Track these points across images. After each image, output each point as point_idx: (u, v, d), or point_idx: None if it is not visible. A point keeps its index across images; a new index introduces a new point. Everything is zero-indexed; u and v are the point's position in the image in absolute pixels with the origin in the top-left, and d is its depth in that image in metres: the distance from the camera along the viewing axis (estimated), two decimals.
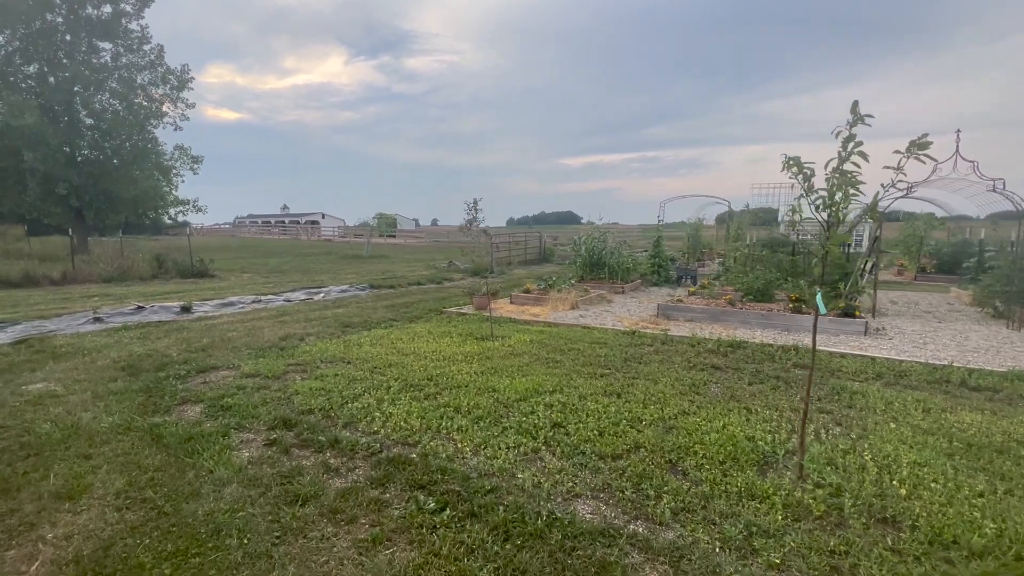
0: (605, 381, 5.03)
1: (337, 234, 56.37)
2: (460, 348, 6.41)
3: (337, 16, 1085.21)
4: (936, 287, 14.03)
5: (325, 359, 5.99)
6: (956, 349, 6.56)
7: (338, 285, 13.54)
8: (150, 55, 26.89)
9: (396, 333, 7.40)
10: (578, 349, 6.34)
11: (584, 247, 12.43)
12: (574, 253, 13.03)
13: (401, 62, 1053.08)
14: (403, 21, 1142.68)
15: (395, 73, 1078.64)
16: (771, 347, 6.49)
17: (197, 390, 4.88)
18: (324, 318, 8.86)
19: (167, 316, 8.93)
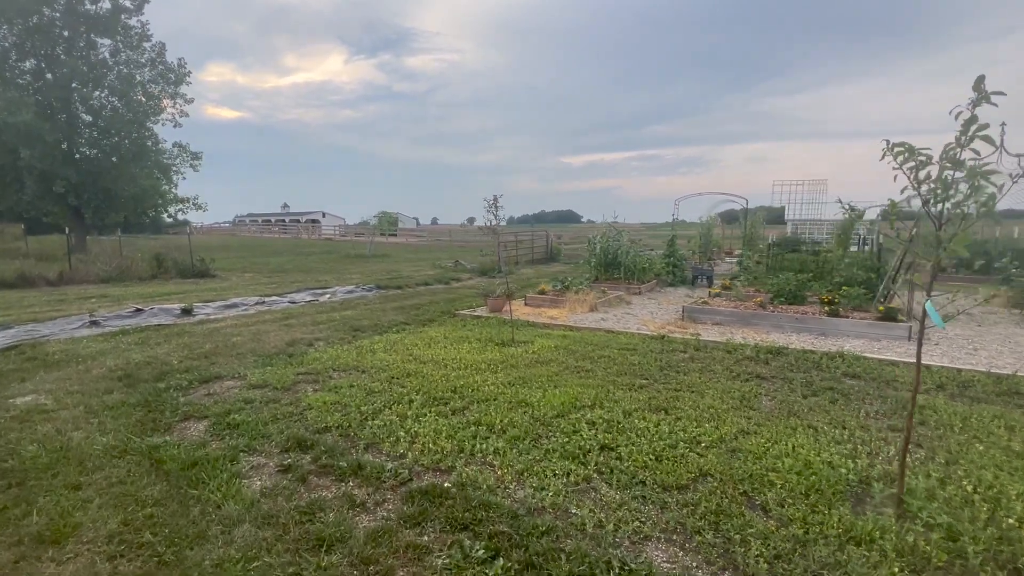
0: (646, 394, 4.60)
1: (338, 233, 55.93)
2: (481, 355, 5.98)
3: (338, 14, 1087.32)
4: (959, 287, 13.58)
5: (337, 367, 5.57)
6: (1011, 356, 6.14)
7: (343, 286, 13.11)
8: (151, 52, 26.46)
9: (410, 338, 6.98)
10: (608, 356, 5.91)
11: (599, 246, 11.99)
12: (588, 253, 12.60)
13: (402, 61, 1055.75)
14: (404, 19, 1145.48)
15: (396, 72, 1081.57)
16: (813, 354, 6.06)
17: (200, 403, 4.45)
18: (332, 321, 8.44)
19: (167, 319, 8.50)
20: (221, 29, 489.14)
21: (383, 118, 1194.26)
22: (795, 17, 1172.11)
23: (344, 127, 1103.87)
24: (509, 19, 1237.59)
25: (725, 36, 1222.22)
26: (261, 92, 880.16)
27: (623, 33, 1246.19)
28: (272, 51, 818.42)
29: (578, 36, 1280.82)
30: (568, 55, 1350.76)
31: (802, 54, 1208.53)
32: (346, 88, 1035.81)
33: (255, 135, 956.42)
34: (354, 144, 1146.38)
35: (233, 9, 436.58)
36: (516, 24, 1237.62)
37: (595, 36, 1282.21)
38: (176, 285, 13.56)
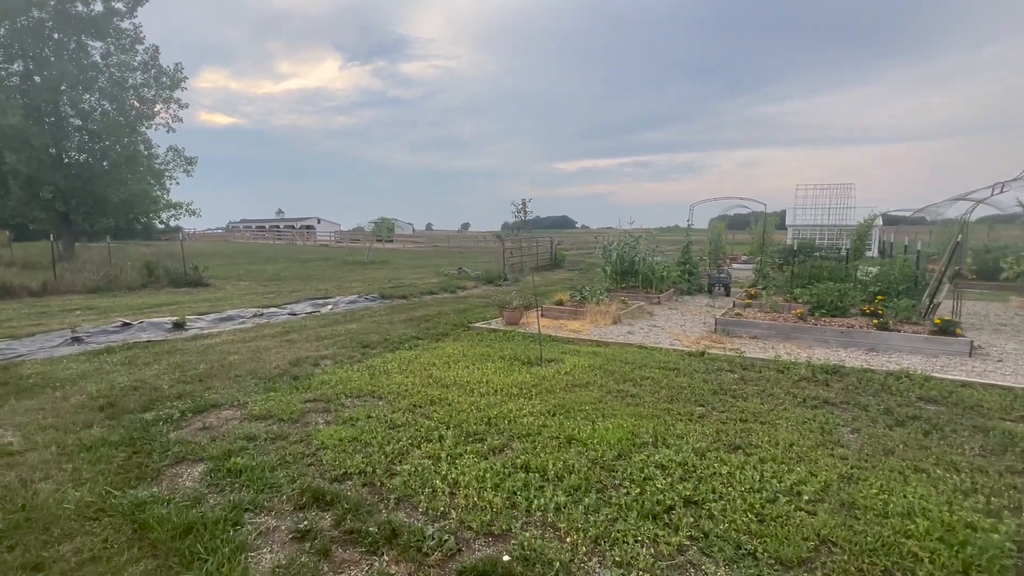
0: (710, 425, 4.01)
1: (333, 239, 55.21)
2: (508, 377, 5.37)
3: (332, 21, 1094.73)
4: (983, 295, 13.14)
5: (350, 393, 4.94)
6: None
7: (345, 295, 12.46)
8: (144, 55, 25.79)
9: (426, 356, 6.35)
10: (651, 378, 5.32)
11: (615, 254, 11.43)
12: (603, 260, 12.04)
13: (396, 67, 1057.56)
14: (398, 26, 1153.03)
15: (391, 78, 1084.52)
16: (874, 373, 5.50)
17: (195, 441, 3.81)
18: (337, 336, 7.80)
19: (157, 334, 7.83)
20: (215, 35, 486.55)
21: (378, 124, 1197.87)
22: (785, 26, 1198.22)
23: (338, 133, 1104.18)
24: (503, 25, 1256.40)
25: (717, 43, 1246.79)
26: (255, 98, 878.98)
27: (616, 40, 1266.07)
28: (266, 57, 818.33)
29: (571, 43, 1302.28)
30: (562, 61, 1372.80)
31: (792, 62, 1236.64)
32: (340, 94, 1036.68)
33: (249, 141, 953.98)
34: (348, 150, 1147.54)
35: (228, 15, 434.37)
36: (510, 30, 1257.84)
37: (588, 43, 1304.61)
38: (168, 295, 12.86)
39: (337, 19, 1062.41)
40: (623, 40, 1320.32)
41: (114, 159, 24.57)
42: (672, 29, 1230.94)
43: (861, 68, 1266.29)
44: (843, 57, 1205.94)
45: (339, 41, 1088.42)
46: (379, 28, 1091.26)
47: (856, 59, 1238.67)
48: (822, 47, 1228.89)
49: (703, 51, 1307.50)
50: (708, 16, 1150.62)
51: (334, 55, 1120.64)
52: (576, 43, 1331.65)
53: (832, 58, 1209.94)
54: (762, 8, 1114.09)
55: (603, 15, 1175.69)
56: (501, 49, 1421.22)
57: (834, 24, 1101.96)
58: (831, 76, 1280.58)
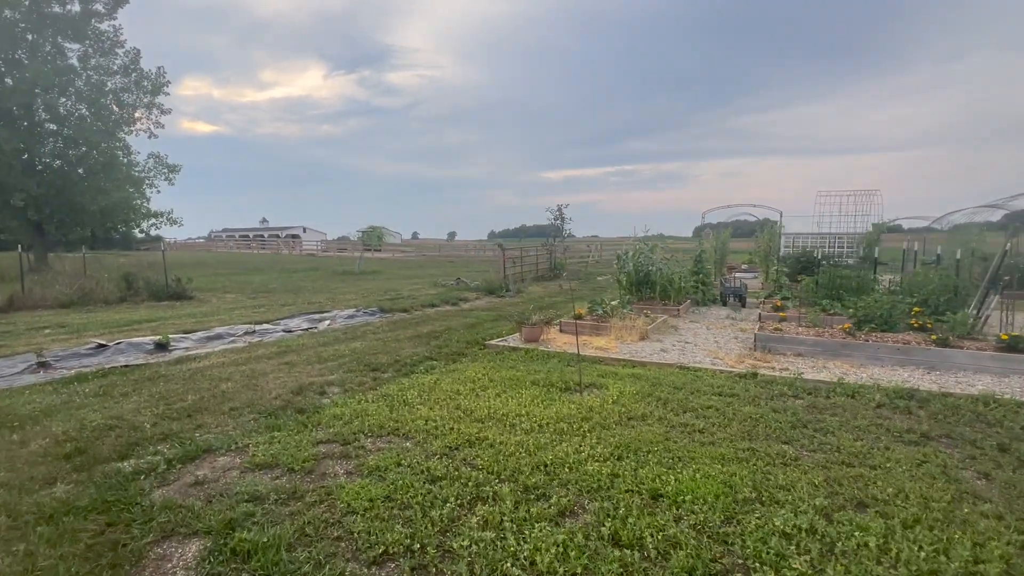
0: (813, 472, 3.35)
1: (320, 248, 54.02)
2: (549, 408, 4.67)
3: (316, 30, 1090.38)
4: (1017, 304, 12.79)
5: (369, 431, 4.19)
6: None
7: (342, 309, 11.64)
8: (124, 59, 24.77)
9: (447, 382, 5.62)
10: (712, 407, 4.66)
11: (631, 263, 10.83)
12: (617, 270, 11.44)
13: (381, 76, 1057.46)
14: (383, 36, 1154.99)
15: (375, 87, 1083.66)
16: (955, 398, 4.92)
17: (186, 505, 3.04)
18: (340, 356, 7.03)
19: (137, 357, 6.97)
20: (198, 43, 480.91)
21: (363, 133, 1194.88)
22: (763, 38, 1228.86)
23: (323, 142, 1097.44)
24: (488, 35, 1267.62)
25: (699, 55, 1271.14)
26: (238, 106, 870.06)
27: (600, 50, 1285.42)
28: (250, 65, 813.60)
29: (557, 53, 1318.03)
30: (547, 71, 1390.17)
31: (771, 73, 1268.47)
32: (325, 103, 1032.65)
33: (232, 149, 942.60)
34: (333, 159, 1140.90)
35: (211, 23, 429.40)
36: (495, 40, 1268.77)
37: (573, 53, 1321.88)
38: (149, 310, 11.90)
39: (321, 28, 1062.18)
40: (608, 51, 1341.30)
41: (91, 166, 23.44)
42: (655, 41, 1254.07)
43: (837, 80, 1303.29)
44: (819, 69, 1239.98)
45: (323, 50, 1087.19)
46: (364, 37, 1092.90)
47: (831, 71, 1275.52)
48: (799, 59, 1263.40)
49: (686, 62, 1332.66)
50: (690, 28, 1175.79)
51: (318, 64, 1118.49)
52: (561, 53, 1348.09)
53: (808, 70, 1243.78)
54: (741, 21, 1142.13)
55: (588, 26, 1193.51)
56: (486, 59, 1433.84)
57: (810, 37, 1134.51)
58: (808, 88, 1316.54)
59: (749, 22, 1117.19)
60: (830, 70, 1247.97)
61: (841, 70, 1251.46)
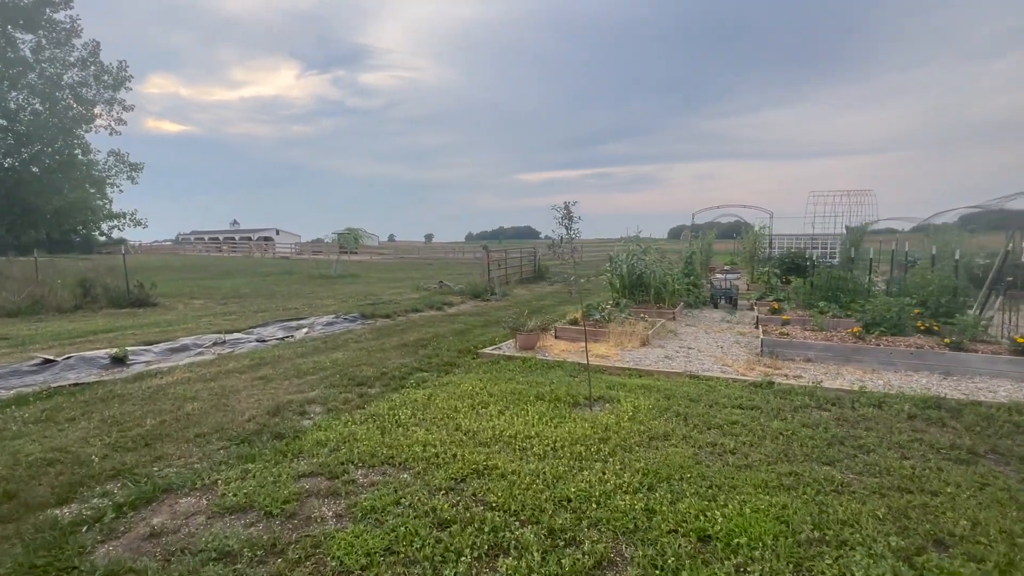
0: (872, 501, 2.97)
1: (294, 251, 52.54)
2: (561, 427, 4.21)
3: (288, 29, 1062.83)
4: None
5: (359, 460, 3.66)
6: None
7: (320, 315, 10.95)
8: (82, 51, 23.42)
9: (442, 397, 5.10)
10: (737, 422, 4.27)
11: (625, 266, 10.47)
12: (610, 273, 11.07)
13: (356, 77, 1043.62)
14: (357, 36, 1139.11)
15: (350, 87, 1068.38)
16: (986, 407, 4.65)
17: (138, 569, 2.47)
18: (321, 369, 6.43)
19: (90, 373, 6.24)
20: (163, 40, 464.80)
21: (338, 134, 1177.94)
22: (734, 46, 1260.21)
23: (297, 142, 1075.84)
24: (466, 38, 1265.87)
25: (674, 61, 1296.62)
26: (207, 105, 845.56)
27: (578, 55, 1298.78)
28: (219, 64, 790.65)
29: (535, 57, 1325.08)
30: (525, 75, 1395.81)
31: (741, 80, 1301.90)
32: (298, 103, 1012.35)
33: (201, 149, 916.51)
34: (307, 160, 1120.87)
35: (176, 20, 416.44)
36: (473, 43, 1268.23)
37: (552, 58, 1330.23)
38: (107, 318, 10.99)
39: (293, 27, 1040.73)
40: (585, 56, 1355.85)
41: (47, 164, 22.04)
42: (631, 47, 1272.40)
43: (802, 87, 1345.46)
44: (786, 77, 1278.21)
45: (296, 49, 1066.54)
46: (337, 37, 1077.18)
47: (797, 79, 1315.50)
48: (767, 67, 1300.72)
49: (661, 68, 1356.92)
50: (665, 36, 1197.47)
51: (290, 63, 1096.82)
52: (539, 57, 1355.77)
53: (775, 77, 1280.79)
54: (712, 30, 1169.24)
55: (564, 32, 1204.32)
56: (464, 61, 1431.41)
57: (777, 46, 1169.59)
58: (775, 94, 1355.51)
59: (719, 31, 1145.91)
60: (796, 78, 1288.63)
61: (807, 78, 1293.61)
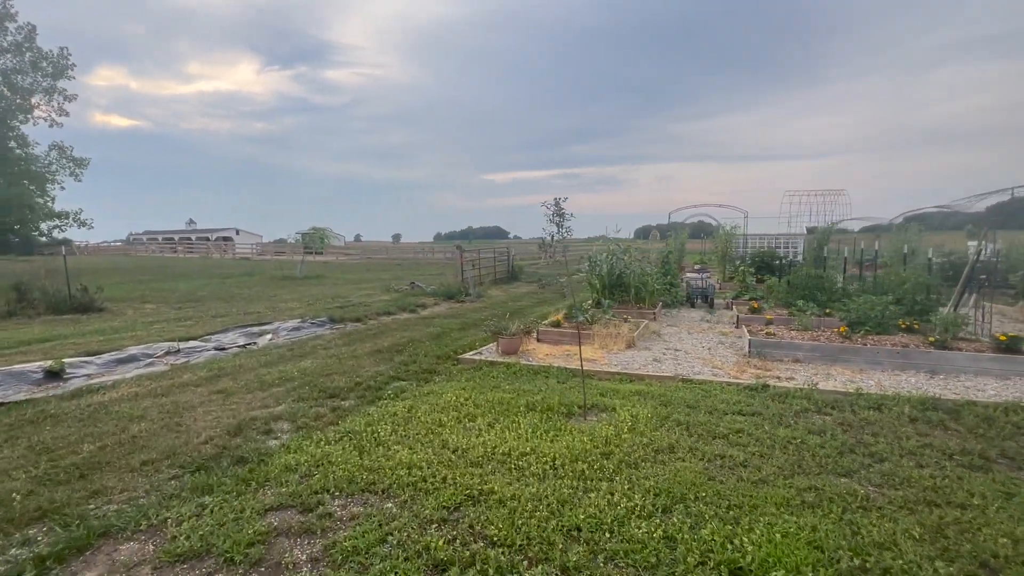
0: (904, 520, 2.76)
1: (255, 251, 50.52)
2: (557, 440, 3.88)
3: (246, 22, 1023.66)
4: None
5: (336, 487, 3.23)
6: None
7: (286, 320, 10.29)
8: (16, 35, 21.65)
9: (424, 408, 4.69)
10: (742, 430, 4.04)
11: (605, 266, 10.26)
12: (589, 273, 10.84)
13: (320, 73, 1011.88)
14: (320, 31, 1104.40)
15: (313, 84, 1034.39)
16: (982, 407, 4.58)
17: None
18: (288, 380, 5.91)
19: (18, 391, 5.51)
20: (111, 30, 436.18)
21: (302, 131, 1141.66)
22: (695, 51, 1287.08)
23: (258, 139, 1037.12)
24: (433, 36, 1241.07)
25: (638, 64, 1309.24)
26: (159, 99, 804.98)
27: (544, 56, 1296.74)
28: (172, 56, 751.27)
29: (503, 57, 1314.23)
30: (493, 75, 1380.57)
31: (702, 84, 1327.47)
32: (259, 99, 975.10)
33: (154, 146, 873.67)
34: (269, 157, 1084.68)
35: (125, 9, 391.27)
36: (440, 42, 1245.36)
37: (519, 58, 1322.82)
38: (44, 326, 10.01)
39: (252, 20, 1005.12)
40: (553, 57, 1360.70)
41: None
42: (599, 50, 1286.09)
43: (759, 93, 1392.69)
44: (744, 82, 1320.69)
45: (255, 43, 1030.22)
46: (299, 32, 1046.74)
47: (755, 84, 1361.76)
48: (727, 73, 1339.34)
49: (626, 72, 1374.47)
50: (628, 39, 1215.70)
51: (250, 57, 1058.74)
52: (507, 58, 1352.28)
53: (734, 82, 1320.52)
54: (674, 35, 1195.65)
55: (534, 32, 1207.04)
56: (431, 60, 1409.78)
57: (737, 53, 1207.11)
58: (734, 98, 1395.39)
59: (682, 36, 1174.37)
60: (753, 83, 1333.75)
61: (765, 84, 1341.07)
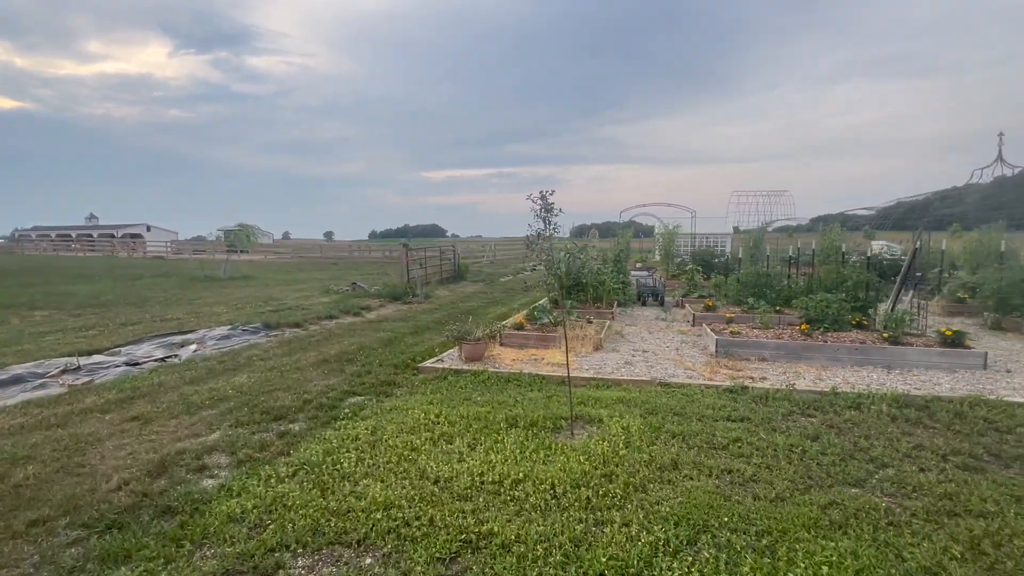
0: (934, 532, 2.61)
1: (170, 249, 46.16)
2: (550, 463, 3.47)
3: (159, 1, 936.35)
4: None
5: (297, 541, 2.62)
6: None
7: (213, 327, 9.14)
8: None
9: (391, 429, 4.11)
10: (738, 439, 3.83)
11: (564, 265, 10.00)
12: (547, 273, 10.54)
13: (243, 59, 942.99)
14: (243, 15, 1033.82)
15: (236, 71, 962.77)
16: (947, 402, 4.70)
17: None
18: (221, 399, 5.08)
19: None
20: None
21: (223, 121, 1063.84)
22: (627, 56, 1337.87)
23: (172, 128, 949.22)
24: (365, 27, 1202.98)
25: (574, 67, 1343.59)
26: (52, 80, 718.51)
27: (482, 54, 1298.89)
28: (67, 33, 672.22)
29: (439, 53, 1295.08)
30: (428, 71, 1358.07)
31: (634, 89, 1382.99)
32: (172, 84, 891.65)
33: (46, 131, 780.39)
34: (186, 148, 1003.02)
35: None
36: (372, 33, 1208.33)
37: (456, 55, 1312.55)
38: None
39: None
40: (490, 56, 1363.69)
41: None
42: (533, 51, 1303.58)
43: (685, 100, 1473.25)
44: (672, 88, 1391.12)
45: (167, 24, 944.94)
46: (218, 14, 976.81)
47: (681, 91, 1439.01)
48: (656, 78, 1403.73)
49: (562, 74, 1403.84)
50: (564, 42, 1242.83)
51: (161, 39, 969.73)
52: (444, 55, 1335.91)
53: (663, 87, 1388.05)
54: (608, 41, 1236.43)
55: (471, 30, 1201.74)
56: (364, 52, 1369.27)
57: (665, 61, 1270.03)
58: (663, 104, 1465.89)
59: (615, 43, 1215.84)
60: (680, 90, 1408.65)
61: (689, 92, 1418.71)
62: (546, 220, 3.91)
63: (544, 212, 3.89)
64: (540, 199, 3.93)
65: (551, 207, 3.89)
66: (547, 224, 3.92)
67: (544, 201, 3.91)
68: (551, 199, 3.93)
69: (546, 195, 3.93)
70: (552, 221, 3.92)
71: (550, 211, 3.89)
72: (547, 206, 3.89)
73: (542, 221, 3.92)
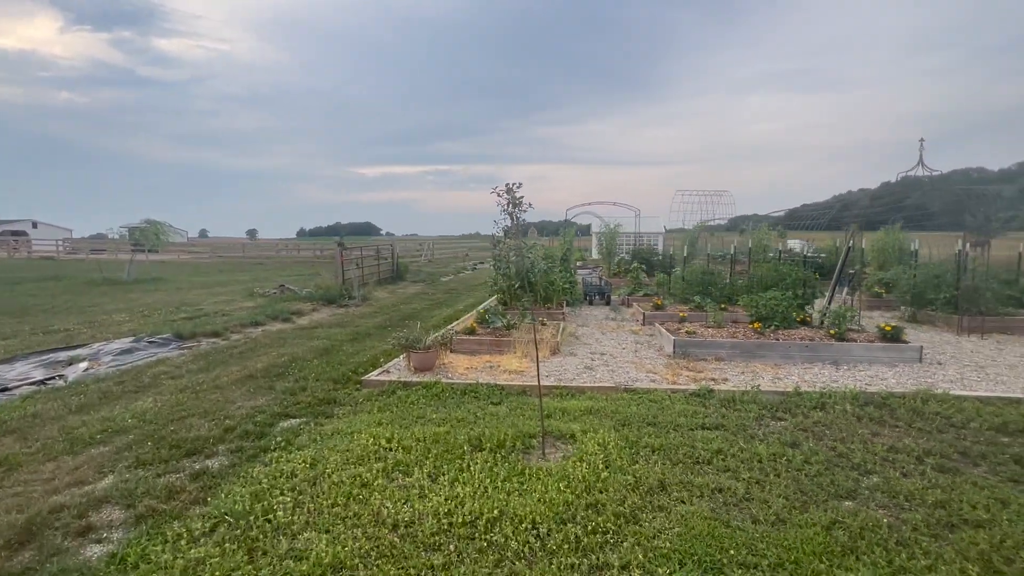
0: (941, 549, 2.46)
1: (62, 248, 40.95)
2: (526, 493, 3.04)
3: None
4: None
5: None
6: (1013, 374, 5.92)
7: (110, 340, 7.85)
8: None
9: (334, 460, 3.50)
10: (718, 451, 3.60)
11: (514, 266, 9.60)
12: (496, 273, 10.11)
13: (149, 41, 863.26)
14: None
15: (141, 53, 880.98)
16: (900, 398, 4.79)
17: None
18: (118, 431, 4.20)
19: None
20: None
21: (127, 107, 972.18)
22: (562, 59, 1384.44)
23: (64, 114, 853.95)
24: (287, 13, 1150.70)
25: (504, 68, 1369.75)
26: None
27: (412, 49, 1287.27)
28: None
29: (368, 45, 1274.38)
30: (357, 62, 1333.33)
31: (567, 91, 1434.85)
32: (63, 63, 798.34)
33: None
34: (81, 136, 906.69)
35: None
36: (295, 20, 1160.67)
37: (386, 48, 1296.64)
38: None
39: None
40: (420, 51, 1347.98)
41: None
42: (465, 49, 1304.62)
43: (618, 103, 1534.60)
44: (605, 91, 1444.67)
45: None
46: None
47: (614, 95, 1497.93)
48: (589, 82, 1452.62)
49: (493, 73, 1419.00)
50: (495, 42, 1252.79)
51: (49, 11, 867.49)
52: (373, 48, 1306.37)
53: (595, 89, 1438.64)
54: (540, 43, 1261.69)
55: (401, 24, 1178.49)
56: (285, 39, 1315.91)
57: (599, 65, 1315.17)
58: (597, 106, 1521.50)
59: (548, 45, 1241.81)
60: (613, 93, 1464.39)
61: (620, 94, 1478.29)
62: (513, 216, 3.47)
63: (511, 207, 3.45)
64: (506, 192, 3.48)
65: (519, 201, 3.45)
66: (514, 220, 3.48)
67: (511, 195, 3.47)
68: (519, 193, 3.49)
69: (513, 188, 3.49)
70: (519, 216, 3.48)
71: (517, 206, 3.46)
72: (514, 200, 3.45)
73: (509, 217, 3.47)
